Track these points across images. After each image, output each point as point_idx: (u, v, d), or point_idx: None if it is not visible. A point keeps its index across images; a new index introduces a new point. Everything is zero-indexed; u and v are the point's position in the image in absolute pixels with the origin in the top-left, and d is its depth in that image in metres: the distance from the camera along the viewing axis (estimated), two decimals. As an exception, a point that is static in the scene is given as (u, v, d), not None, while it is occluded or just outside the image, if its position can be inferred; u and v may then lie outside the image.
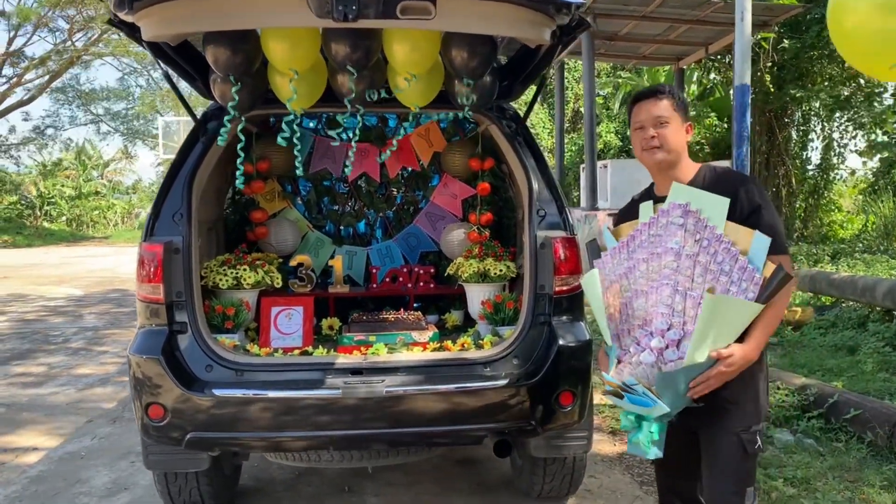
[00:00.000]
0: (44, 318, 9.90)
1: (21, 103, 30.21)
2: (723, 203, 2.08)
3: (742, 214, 2.11)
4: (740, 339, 2.06)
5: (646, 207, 2.28)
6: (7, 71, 28.76)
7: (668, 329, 2.06)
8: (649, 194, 2.37)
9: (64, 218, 33.39)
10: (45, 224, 31.22)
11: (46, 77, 29.62)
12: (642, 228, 2.22)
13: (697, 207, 2.09)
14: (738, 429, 2.19)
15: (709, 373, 2.04)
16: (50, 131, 34.09)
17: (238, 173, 2.77)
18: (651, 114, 2.25)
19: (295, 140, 2.86)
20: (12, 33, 27.41)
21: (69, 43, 28.50)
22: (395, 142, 3.38)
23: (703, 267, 2.05)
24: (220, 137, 2.83)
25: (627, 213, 2.42)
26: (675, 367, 2.04)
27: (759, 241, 2.04)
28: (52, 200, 32.43)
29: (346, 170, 3.81)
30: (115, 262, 18.07)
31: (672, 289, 2.06)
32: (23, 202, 30.71)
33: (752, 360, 2.07)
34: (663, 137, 2.24)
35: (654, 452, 2.10)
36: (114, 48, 27.77)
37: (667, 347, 2.04)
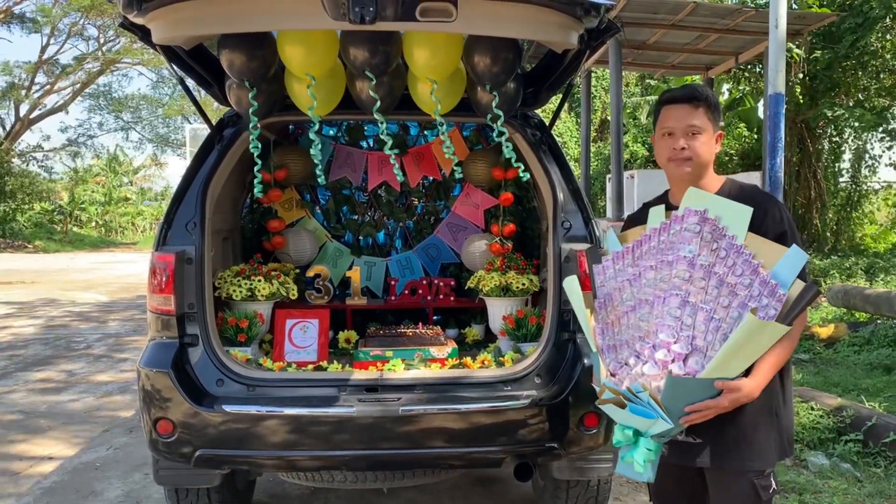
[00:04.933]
0: (68, 324, 9.95)
1: (53, 111, 30.75)
2: (745, 212, 1.92)
3: (765, 237, 1.95)
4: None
5: (656, 212, 2.12)
6: (40, 79, 29.34)
7: (675, 342, 1.90)
8: (662, 200, 2.21)
9: (93, 223, 33.88)
10: (75, 229, 31.67)
11: (78, 85, 30.14)
12: (651, 234, 2.06)
13: (716, 215, 1.94)
14: (752, 473, 2.01)
15: (709, 402, 1.87)
16: (82, 139, 34.63)
17: (256, 181, 2.68)
18: (684, 121, 2.06)
19: (318, 151, 2.76)
20: (45, 41, 27.93)
21: (100, 51, 28.99)
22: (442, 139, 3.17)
23: (719, 279, 1.89)
24: (251, 144, 2.69)
25: (638, 219, 2.26)
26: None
27: (793, 258, 1.87)
28: (83, 206, 32.94)
29: (398, 176, 3.68)
30: (141, 269, 18.16)
31: (681, 300, 1.91)
32: (54, 207, 31.20)
33: (751, 399, 1.90)
34: (694, 150, 2.06)
35: (648, 475, 1.94)
36: (145, 60, 28.20)
37: (672, 361, 1.89)
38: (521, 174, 2.60)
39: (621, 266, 2.12)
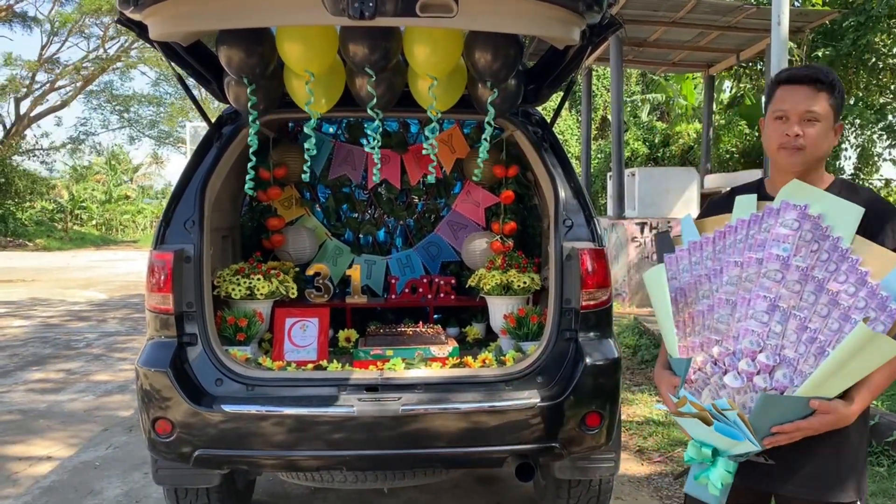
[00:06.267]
0: (67, 323, 9.93)
1: (53, 109, 30.72)
2: (855, 212, 1.69)
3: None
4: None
5: (746, 201, 1.86)
6: (41, 77, 29.31)
7: (760, 352, 1.68)
8: (755, 189, 1.94)
9: (94, 222, 33.88)
10: (76, 227, 31.66)
11: (80, 83, 30.09)
12: (739, 225, 1.81)
13: (819, 212, 1.71)
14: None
15: (799, 424, 1.65)
16: (83, 136, 34.60)
17: (248, 177, 2.66)
18: (802, 105, 1.80)
19: (313, 145, 2.74)
20: (46, 40, 27.92)
21: (101, 50, 28.97)
22: (433, 143, 3.20)
23: (818, 284, 1.66)
24: (250, 138, 2.67)
25: (721, 205, 1.99)
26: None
27: None
28: (84, 204, 32.94)
29: (374, 177, 3.71)
30: (141, 267, 18.11)
31: (770, 304, 1.69)
32: (54, 206, 31.20)
33: (845, 424, 1.68)
34: (810, 138, 1.80)
35: (722, 499, 1.74)
36: (146, 59, 28.18)
37: (758, 373, 1.68)
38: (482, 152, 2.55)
39: (699, 258, 1.88)
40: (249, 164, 2.65)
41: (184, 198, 2.99)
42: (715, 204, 2.06)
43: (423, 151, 3.69)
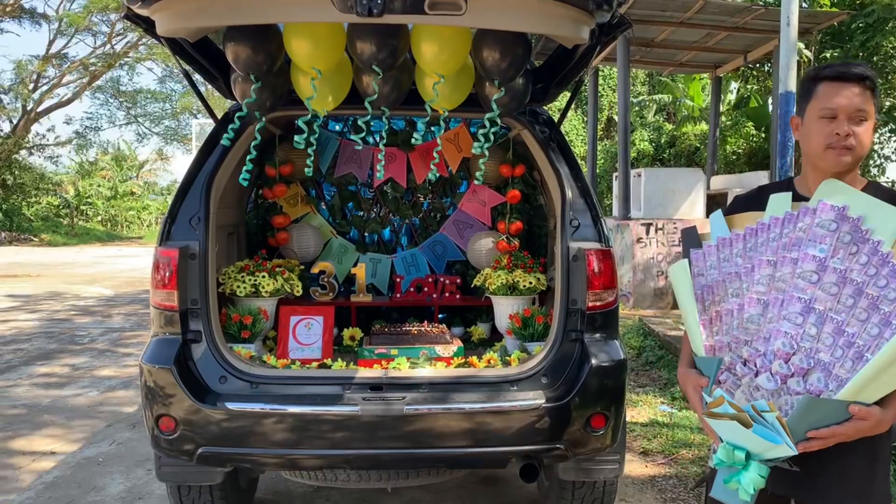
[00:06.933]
0: (72, 318, 9.95)
1: (60, 104, 30.77)
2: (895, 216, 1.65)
3: None
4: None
5: (780, 199, 1.81)
6: (48, 72, 29.35)
7: (794, 354, 1.65)
8: (786, 187, 1.90)
9: (99, 217, 33.98)
10: (81, 223, 31.75)
11: (86, 79, 30.14)
12: (772, 223, 1.76)
13: (858, 215, 1.66)
14: None
15: (835, 429, 1.61)
16: (89, 132, 34.65)
17: (245, 168, 2.65)
18: (852, 104, 1.74)
19: (312, 140, 2.73)
20: (52, 36, 28.00)
21: (108, 46, 29.02)
22: (438, 140, 3.23)
23: (857, 288, 1.62)
24: (254, 141, 2.69)
25: (747, 203, 1.95)
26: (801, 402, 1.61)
27: None
28: (89, 200, 33.05)
29: (378, 174, 3.71)
30: (146, 263, 18.19)
31: (805, 305, 1.65)
32: (60, 201, 31.30)
33: (880, 431, 1.65)
34: (859, 138, 1.76)
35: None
36: (154, 54, 28.23)
37: (791, 375, 1.64)
38: (478, 150, 2.56)
39: (728, 255, 1.83)
40: (248, 157, 2.64)
41: (189, 194, 2.98)
42: (742, 201, 2.01)
43: (412, 141, 3.69)
